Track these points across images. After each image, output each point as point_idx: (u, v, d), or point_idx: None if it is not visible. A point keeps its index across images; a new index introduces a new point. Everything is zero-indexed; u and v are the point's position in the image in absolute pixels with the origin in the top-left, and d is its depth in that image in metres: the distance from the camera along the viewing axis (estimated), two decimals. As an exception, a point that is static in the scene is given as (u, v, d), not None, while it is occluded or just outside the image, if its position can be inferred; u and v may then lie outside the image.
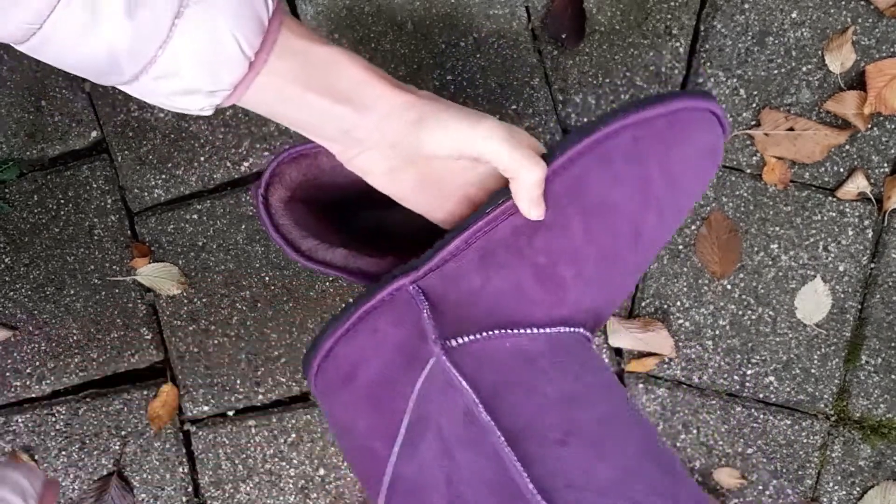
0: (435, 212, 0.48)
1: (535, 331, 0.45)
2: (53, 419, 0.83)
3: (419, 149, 0.43)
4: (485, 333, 0.44)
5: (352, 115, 0.42)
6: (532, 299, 0.45)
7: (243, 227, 0.81)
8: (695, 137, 0.49)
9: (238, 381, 0.82)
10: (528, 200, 0.44)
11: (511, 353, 0.44)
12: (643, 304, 0.80)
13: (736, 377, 0.80)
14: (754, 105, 0.79)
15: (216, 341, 0.82)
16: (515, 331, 0.44)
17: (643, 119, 0.47)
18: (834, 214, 0.79)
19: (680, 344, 0.80)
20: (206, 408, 0.83)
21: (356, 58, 0.43)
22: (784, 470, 0.81)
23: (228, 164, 0.81)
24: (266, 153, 0.80)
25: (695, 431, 0.80)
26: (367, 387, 0.46)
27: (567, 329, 0.46)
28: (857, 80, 0.78)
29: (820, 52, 0.79)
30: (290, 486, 0.83)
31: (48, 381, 0.82)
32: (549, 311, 0.45)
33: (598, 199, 0.47)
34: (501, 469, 0.39)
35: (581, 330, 0.47)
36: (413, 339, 0.46)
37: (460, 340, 0.44)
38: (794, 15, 0.78)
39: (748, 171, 0.79)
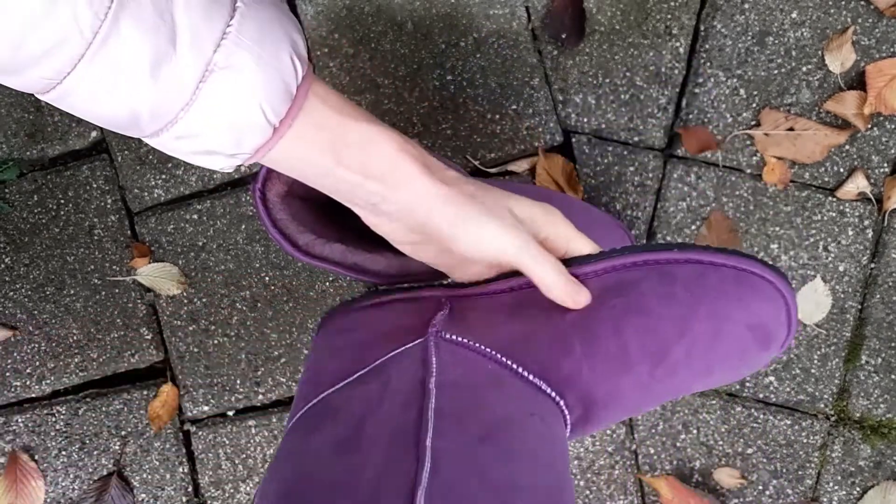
0: (455, 272, 0.49)
1: (523, 372, 0.46)
2: (53, 419, 0.83)
3: (451, 245, 0.44)
4: (479, 345, 0.46)
5: (382, 190, 0.42)
6: (537, 348, 0.47)
7: (243, 227, 0.81)
8: (755, 306, 0.48)
9: (238, 381, 0.82)
10: (560, 296, 0.45)
11: (490, 373, 0.45)
12: (643, 304, 0.80)
13: (736, 377, 0.80)
14: (754, 105, 0.79)
15: (216, 341, 0.82)
16: (506, 360, 0.46)
17: (716, 262, 0.48)
18: (834, 214, 0.79)
19: (680, 344, 0.80)
20: (206, 408, 0.83)
21: (391, 135, 0.42)
22: (784, 470, 0.81)
23: (228, 164, 0.81)
24: (266, 153, 0.80)
25: (695, 431, 0.80)
26: (355, 343, 0.48)
27: (550, 391, 0.47)
28: (857, 81, 0.78)
29: (820, 52, 0.79)
30: (290, 486, 0.83)
31: (48, 381, 0.82)
32: (545, 365, 0.46)
33: (644, 306, 0.47)
34: (415, 426, 0.40)
35: (561, 402, 0.47)
36: (418, 327, 0.47)
37: (455, 338, 0.46)
38: (794, 15, 0.78)
39: (748, 171, 0.79)
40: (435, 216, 0.43)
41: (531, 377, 0.46)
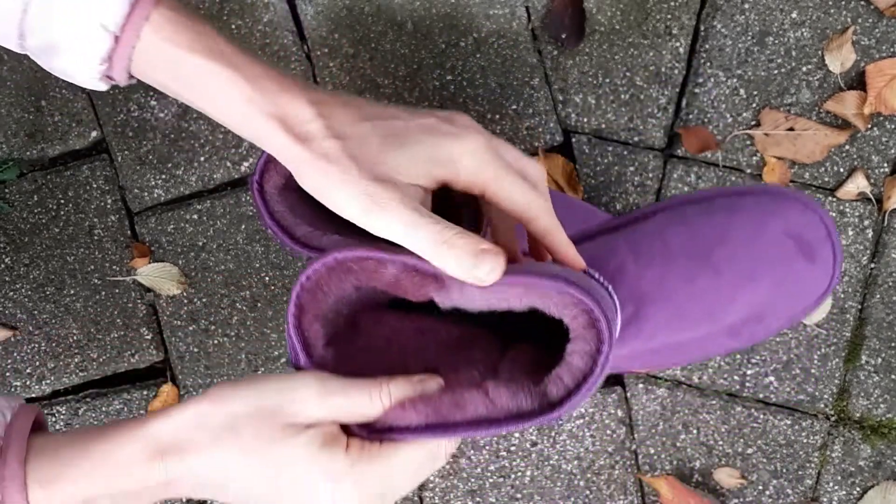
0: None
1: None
2: (53, 419, 0.83)
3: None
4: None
5: (241, 131, 0.38)
6: (585, 252, 0.49)
7: (243, 227, 0.81)
8: (790, 217, 0.49)
9: (238, 381, 0.82)
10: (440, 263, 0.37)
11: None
12: (643, 304, 0.80)
13: (736, 377, 0.80)
14: (754, 105, 0.79)
15: (216, 341, 0.82)
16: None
17: (752, 190, 0.51)
18: (834, 214, 0.79)
19: (680, 344, 0.80)
20: (206, 408, 0.83)
21: (236, 79, 0.37)
22: (784, 470, 0.81)
23: (228, 164, 0.81)
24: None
25: (695, 431, 0.80)
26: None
27: (602, 279, 0.46)
28: (857, 81, 0.78)
29: (820, 52, 0.79)
30: (290, 486, 0.83)
31: (48, 381, 0.82)
32: (595, 262, 0.50)
33: (686, 218, 0.50)
34: None
35: (614, 295, 0.47)
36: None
37: None
38: (794, 15, 0.78)
39: (748, 171, 0.79)
40: (304, 182, 0.38)
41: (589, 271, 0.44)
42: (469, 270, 0.35)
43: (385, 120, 0.39)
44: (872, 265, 0.80)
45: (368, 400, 0.37)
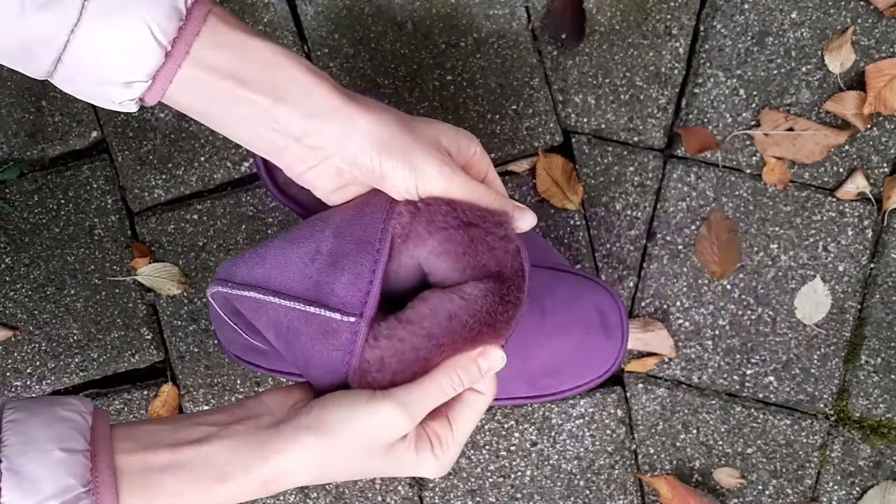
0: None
1: None
2: (54, 419, 0.83)
3: (382, 183, 0.42)
4: None
5: (302, 121, 0.40)
6: None
7: (244, 227, 0.81)
8: (600, 298, 0.61)
9: (238, 382, 0.82)
10: (502, 208, 0.46)
11: None
12: (643, 304, 0.80)
13: (736, 377, 0.80)
14: (754, 105, 0.79)
15: (216, 341, 0.82)
16: None
17: (570, 270, 0.64)
18: (833, 214, 0.79)
19: (679, 344, 0.80)
20: (206, 408, 0.83)
21: (298, 57, 0.40)
22: (784, 470, 0.81)
23: (229, 164, 0.81)
24: (266, 153, 0.80)
25: (694, 431, 0.81)
26: None
27: None
28: (856, 81, 0.79)
29: (819, 53, 0.79)
30: (291, 485, 0.83)
31: (49, 381, 0.83)
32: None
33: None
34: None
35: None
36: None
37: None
38: (793, 15, 0.78)
39: (748, 171, 0.79)
40: (366, 151, 0.41)
41: None
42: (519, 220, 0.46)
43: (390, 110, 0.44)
44: (872, 265, 0.80)
45: (440, 391, 0.43)
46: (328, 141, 0.41)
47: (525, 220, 0.46)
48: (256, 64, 0.39)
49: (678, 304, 0.80)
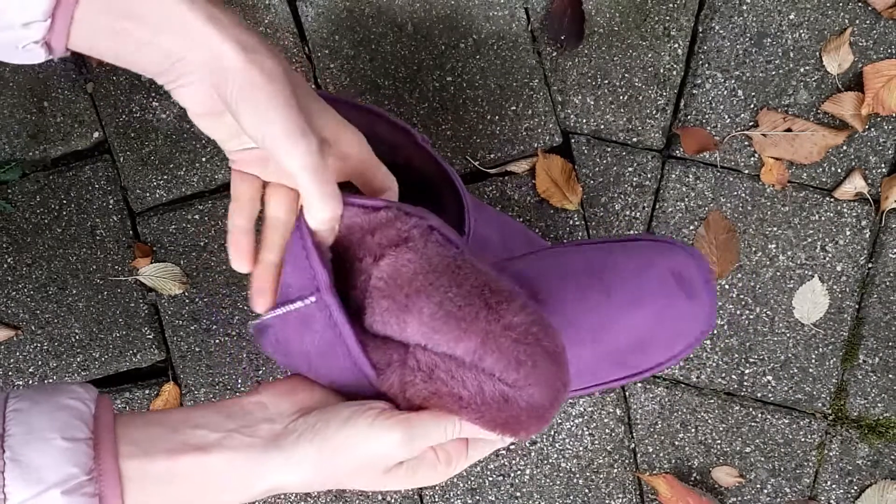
0: (234, 151, 0.48)
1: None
2: (56, 418, 0.83)
3: (237, 121, 0.41)
4: None
5: (175, 47, 0.40)
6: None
7: (244, 227, 0.81)
8: (675, 258, 0.56)
9: (239, 381, 0.83)
10: (312, 203, 0.42)
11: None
12: (642, 303, 0.80)
13: (734, 376, 0.81)
14: (752, 106, 0.79)
15: (218, 340, 0.82)
16: None
17: (638, 238, 0.59)
18: (831, 215, 0.80)
19: (678, 343, 0.80)
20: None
21: None
22: (782, 468, 0.81)
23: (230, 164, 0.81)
24: (267, 154, 0.81)
25: (693, 430, 0.81)
26: None
27: None
28: (854, 82, 0.79)
29: (818, 54, 0.79)
30: (291, 484, 0.83)
31: (51, 381, 0.83)
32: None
33: (582, 251, 0.57)
34: None
35: None
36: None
37: None
38: (791, 16, 0.79)
39: (746, 171, 0.80)
40: (227, 86, 0.40)
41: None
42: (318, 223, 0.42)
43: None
44: (870, 265, 0.80)
45: (444, 434, 0.42)
46: (200, 65, 0.41)
47: (320, 212, 0.41)
48: None
49: (677, 303, 0.80)
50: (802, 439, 0.81)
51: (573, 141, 0.80)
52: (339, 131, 0.44)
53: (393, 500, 0.82)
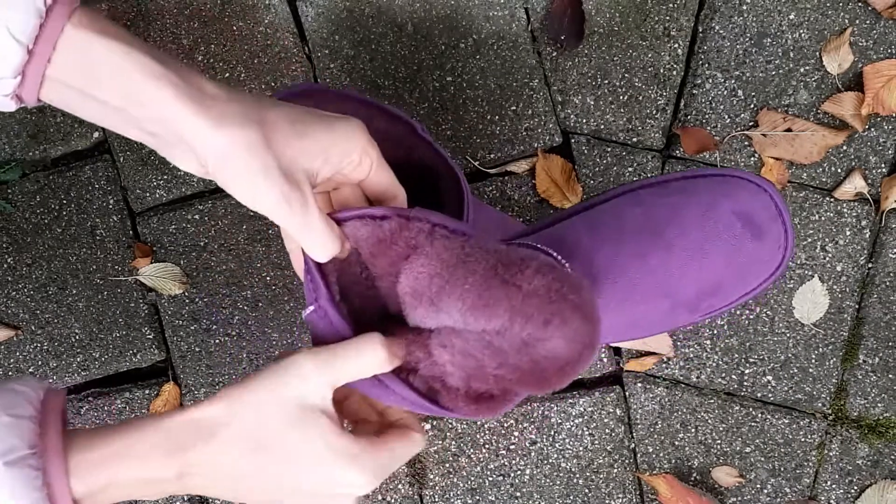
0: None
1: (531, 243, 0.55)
2: (56, 418, 0.83)
3: (226, 188, 0.42)
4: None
5: (152, 121, 0.40)
6: (544, 228, 0.56)
7: (244, 227, 0.81)
8: (738, 197, 0.53)
9: (239, 381, 0.83)
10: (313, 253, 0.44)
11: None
12: (642, 303, 0.80)
13: (734, 376, 0.81)
14: (752, 106, 0.79)
15: (218, 341, 0.82)
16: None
17: (705, 173, 0.56)
18: (831, 215, 0.80)
19: (678, 343, 0.80)
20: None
21: (146, 60, 0.39)
22: (782, 468, 0.81)
23: (230, 164, 0.81)
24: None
25: (693, 430, 0.81)
26: None
27: (558, 256, 0.53)
28: (854, 82, 0.79)
29: (818, 54, 0.79)
30: (291, 484, 0.83)
31: (50, 381, 0.83)
32: (552, 238, 0.56)
33: (641, 200, 0.55)
34: None
35: (567, 266, 0.54)
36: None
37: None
38: (791, 16, 0.79)
39: (746, 171, 0.80)
40: (206, 160, 0.41)
41: (537, 245, 0.52)
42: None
43: (286, 106, 0.43)
44: (870, 265, 0.80)
45: (357, 353, 0.42)
46: (180, 142, 0.42)
47: (316, 251, 0.44)
48: (102, 67, 0.39)
49: (677, 303, 0.80)
50: (802, 439, 0.81)
51: (573, 141, 0.80)
52: (332, 149, 0.43)
53: (393, 501, 0.82)
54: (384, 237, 0.44)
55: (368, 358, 0.42)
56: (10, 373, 0.83)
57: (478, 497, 0.82)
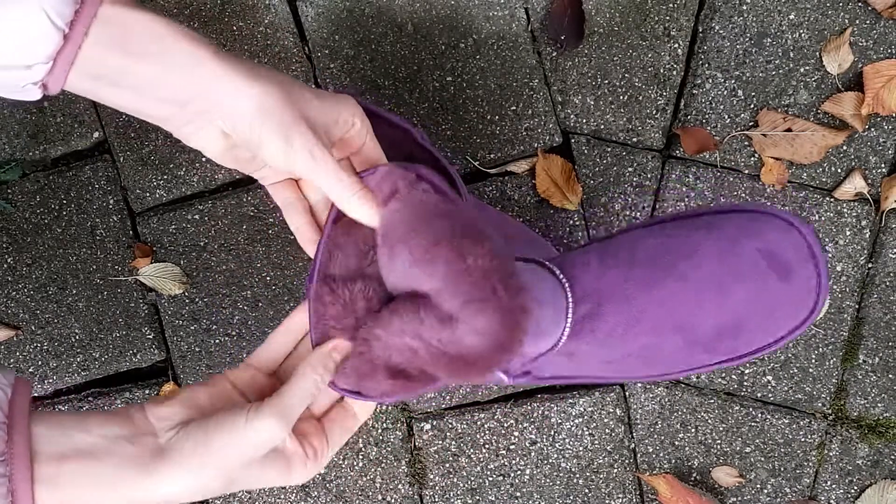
0: (261, 176, 0.50)
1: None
2: (56, 418, 0.83)
3: (258, 151, 0.44)
4: None
5: (185, 87, 0.42)
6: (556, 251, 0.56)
7: (244, 227, 0.81)
8: (765, 235, 0.50)
9: (239, 381, 0.83)
10: (349, 208, 0.45)
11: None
12: (642, 303, 0.80)
13: (734, 376, 0.81)
14: (752, 106, 0.79)
15: (218, 341, 0.82)
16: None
17: (733, 209, 0.53)
18: (832, 215, 0.80)
19: (678, 343, 0.80)
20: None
21: (178, 26, 0.41)
22: (782, 468, 0.81)
23: (230, 164, 0.81)
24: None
25: (693, 430, 0.81)
26: None
27: (558, 273, 0.53)
28: (854, 82, 0.79)
29: (818, 54, 0.79)
30: (291, 485, 0.83)
31: (50, 381, 0.83)
32: (562, 260, 0.55)
33: (659, 232, 0.54)
34: None
35: (566, 284, 0.52)
36: None
37: None
38: (791, 16, 0.79)
39: (746, 171, 0.80)
40: (245, 119, 0.42)
41: (540, 260, 0.51)
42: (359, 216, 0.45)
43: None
44: (870, 265, 0.80)
45: (311, 396, 0.45)
46: (212, 106, 0.43)
47: (359, 213, 0.45)
48: (140, 36, 0.41)
49: (677, 303, 0.80)
50: (802, 439, 0.81)
51: (573, 141, 0.80)
52: (342, 112, 0.46)
53: (393, 501, 0.82)
54: (376, 181, 0.45)
55: (309, 385, 0.44)
56: (10, 373, 0.83)
57: (478, 497, 0.82)
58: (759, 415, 0.80)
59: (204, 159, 0.81)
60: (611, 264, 0.52)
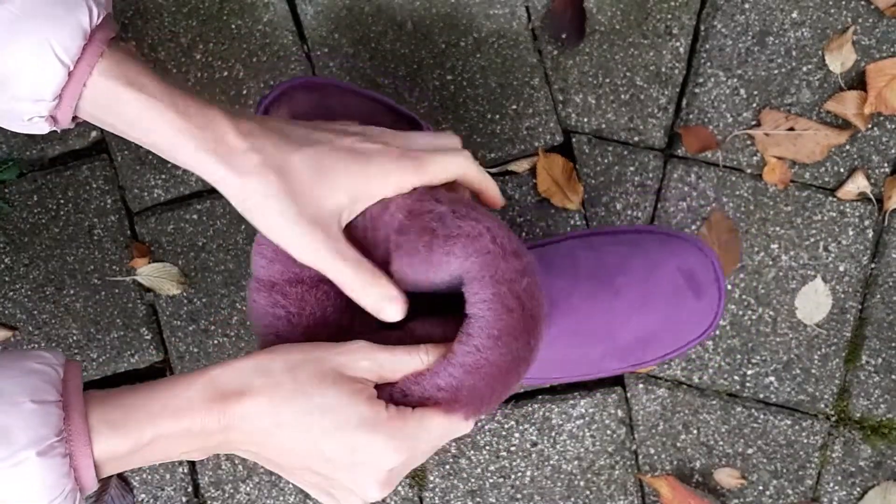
0: None
1: None
2: (53, 419, 0.83)
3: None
4: None
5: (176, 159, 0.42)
6: None
7: (243, 227, 0.81)
8: (684, 255, 0.58)
9: (238, 382, 0.82)
10: (368, 304, 0.46)
11: None
12: (643, 304, 0.80)
13: (736, 377, 0.80)
14: (754, 105, 0.79)
15: (216, 341, 0.82)
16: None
17: (652, 230, 0.60)
18: (834, 214, 0.79)
19: (680, 344, 0.80)
20: (205, 408, 0.83)
21: (174, 106, 0.41)
22: (784, 470, 0.81)
23: (228, 164, 0.81)
24: (266, 153, 0.80)
25: (695, 431, 0.80)
26: None
27: None
28: (857, 80, 0.78)
29: (820, 52, 0.79)
30: (290, 486, 0.83)
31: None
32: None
33: (597, 245, 0.59)
34: None
35: None
36: None
37: None
38: (794, 15, 0.78)
39: (748, 171, 0.79)
40: (231, 201, 0.43)
41: None
42: (379, 311, 0.45)
43: (312, 147, 0.43)
44: (873, 265, 0.80)
45: (408, 357, 0.43)
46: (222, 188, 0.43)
47: (386, 312, 0.45)
48: (130, 115, 0.41)
49: (679, 304, 0.80)
50: (805, 441, 0.80)
51: (574, 140, 0.80)
52: (362, 189, 0.44)
53: (393, 503, 0.82)
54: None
55: (415, 362, 0.43)
56: (6, 374, 0.82)
57: (478, 499, 0.81)
58: (762, 416, 0.80)
59: (202, 158, 0.81)
60: (557, 274, 0.56)
